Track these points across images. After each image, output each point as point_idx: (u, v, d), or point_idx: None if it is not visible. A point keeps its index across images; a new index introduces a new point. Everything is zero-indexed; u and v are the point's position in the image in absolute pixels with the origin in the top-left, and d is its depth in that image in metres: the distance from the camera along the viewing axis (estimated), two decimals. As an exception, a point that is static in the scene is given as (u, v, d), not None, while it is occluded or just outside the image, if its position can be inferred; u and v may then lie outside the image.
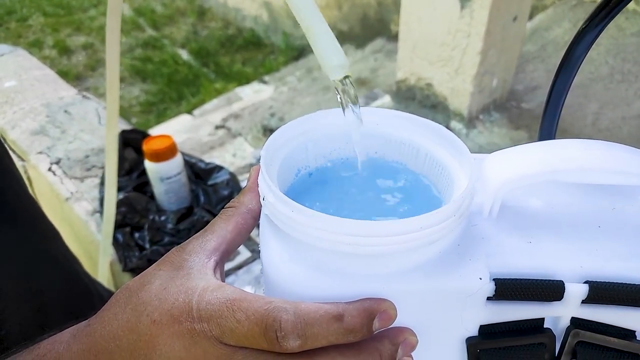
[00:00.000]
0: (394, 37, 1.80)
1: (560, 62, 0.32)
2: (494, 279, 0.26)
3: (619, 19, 1.82)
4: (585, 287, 0.27)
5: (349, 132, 0.34)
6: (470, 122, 1.48)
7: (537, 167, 0.28)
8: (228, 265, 0.95)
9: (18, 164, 1.28)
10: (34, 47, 3.00)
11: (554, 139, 0.38)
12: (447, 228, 0.26)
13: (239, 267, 0.95)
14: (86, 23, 3.22)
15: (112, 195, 0.72)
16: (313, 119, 0.33)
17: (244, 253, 0.98)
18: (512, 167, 0.29)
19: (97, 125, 1.31)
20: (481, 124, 1.43)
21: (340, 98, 0.31)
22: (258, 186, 0.29)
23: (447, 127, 1.49)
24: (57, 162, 1.20)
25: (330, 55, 0.29)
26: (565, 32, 1.75)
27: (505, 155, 0.30)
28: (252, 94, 2.24)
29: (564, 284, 0.26)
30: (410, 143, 0.33)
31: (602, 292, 0.27)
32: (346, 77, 0.30)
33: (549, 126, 0.35)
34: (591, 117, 1.37)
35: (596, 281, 0.27)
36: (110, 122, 0.65)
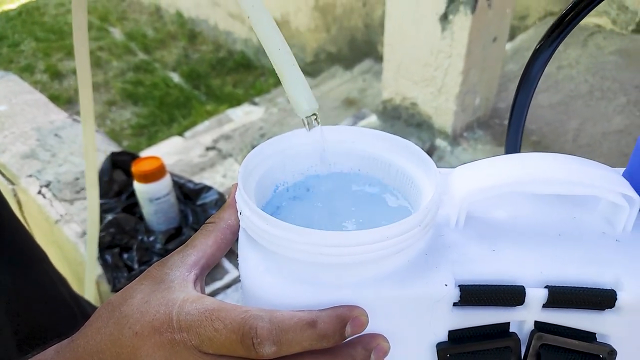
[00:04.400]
0: (381, 58, 1.85)
1: (520, 80, 0.34)
2: (459, 285, 0.28)
3: (597, 39, 1.88)
4: (545, 292, 0.28)
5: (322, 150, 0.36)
6: (455, 139, 1.51)
7: (498, 179, 0.30)
8: (217, 284, 0.96)
9: (8, 187, 1.28)
10: (26, 71, 3.02)
11: (519, 152, 0.41)
12: (413, 238, 0.28)
13: (227, 286, 0.96)
14: (78, 48, 3.25)
15: (94, 197, 0.73)
16: (290, 137, 0.35)
17: (232, 272, 0.98)
18: (475, 180, 0.30)
19: (87, 148, 1.32)
20: (465, 142, 1.46)
21: (305, 125, 0.33)
22: (237, 202, 0.31)
23: (432, 145, 1.51)
24: (47, 185, 1.20)
25: (302, 101, 0.32)
26: (545, 51, 1.80)
27: (469, 169, 0.32)
28: (243, 116, 2.26)
29: (524, 289, 0.28)
30: (382, 159, 0.35)
31: (561, 296, 0.28)
32: (313, 114, 0.33)
33: (513, 141, 0.37)
34: (572, 133, 1.41)
35: (555, 285, 0.28)
36: (86, 122, 0.65)
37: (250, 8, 0.31)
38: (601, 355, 0.29)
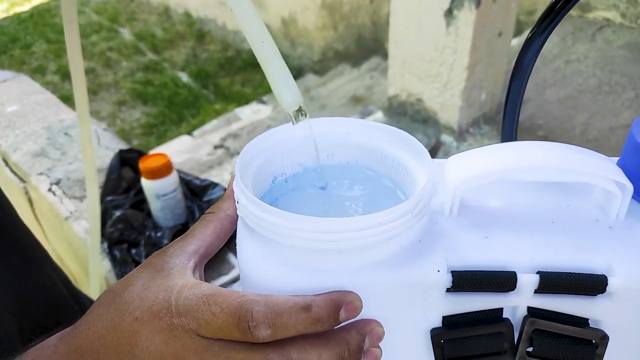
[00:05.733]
0: (388, 55, 1.85)
1: (512, 70, 0.34)
2: (451, 271, 0.28)
3: (606, 32, 1.86)
4: (537, 277, 0.28)
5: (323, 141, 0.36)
6: (461, 135, 1.51)
7: (491, 167, 0.30)
8: (223, 279, 0.97)
9: (19, 185, 1.30)
10: (37, 73, 3.06)
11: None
12: (406, 224, 0.28)
13: (233, 280, 0.97)
14: (88, 48, 3.29)
15: (94, 190, 0.73)
16: (287, 129, 0.35)
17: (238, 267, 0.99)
18: (469, 168, 0.31)
19: (96, 147, 1.34)
20: (471, 137, 1.46)
21: (292, 119, 0.33)
22: (235, 193, 0.31)
23: (438, 140, 1.51)
24: (57, 183, 1.22)
25: (286, 94, 0.32)
26: (553, 46, 1.79)
27: (462, 157, 0.32)
28: (251, 114, 2.27)
29: (516, 275, 0.28)
30: (378, 150, 0.36)
31: (552, 282, 0.28)
32: (299, 108, 0.32)
33: (508, 130, 0.37)
34: (580, 128, 1.40)
35: (546, 271, 0.28)
36: (82, 118, 0.66)
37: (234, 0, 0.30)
38: (593, 341, 0.29)
